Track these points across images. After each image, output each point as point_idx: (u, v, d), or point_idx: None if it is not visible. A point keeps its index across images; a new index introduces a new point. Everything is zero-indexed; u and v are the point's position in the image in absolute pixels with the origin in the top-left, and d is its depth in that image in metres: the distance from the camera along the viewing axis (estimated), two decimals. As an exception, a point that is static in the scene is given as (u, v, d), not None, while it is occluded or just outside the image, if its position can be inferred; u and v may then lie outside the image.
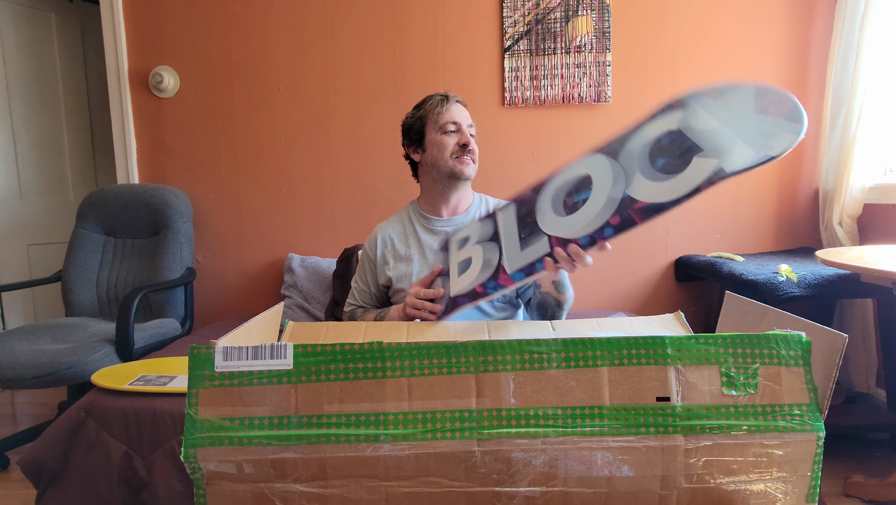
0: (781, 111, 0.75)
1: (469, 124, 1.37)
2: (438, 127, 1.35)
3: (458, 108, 1.37)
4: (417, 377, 0.67)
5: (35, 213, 2.77)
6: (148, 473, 1.29)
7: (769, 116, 0.75)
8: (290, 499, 0.67)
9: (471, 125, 1.38)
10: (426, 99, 1.41)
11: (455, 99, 1.38)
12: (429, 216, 1.40)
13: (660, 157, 0.81)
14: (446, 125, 1.35)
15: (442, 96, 1.38)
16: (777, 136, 0.73)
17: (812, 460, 0.67)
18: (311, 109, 2.36)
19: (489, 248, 0.98)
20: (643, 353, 0.67)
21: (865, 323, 2.08)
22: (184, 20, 2.35)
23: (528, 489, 0.67)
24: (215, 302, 2.47)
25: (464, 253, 1.04)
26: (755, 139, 0.74)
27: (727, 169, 0.74)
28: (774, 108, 0.76)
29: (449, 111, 1.35)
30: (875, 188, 2.06)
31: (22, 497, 1.70)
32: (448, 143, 1.34)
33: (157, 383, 1.39)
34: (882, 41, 1.97)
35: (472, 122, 1.39)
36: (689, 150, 0.78)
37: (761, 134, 0.74)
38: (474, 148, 1.36)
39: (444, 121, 1.35)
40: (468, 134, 1.35)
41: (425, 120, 1.38)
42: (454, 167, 1.34)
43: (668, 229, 2.33)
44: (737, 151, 0.74)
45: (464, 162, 1.35)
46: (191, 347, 0.67)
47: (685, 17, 2.25)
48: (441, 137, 1.35)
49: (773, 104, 0.76)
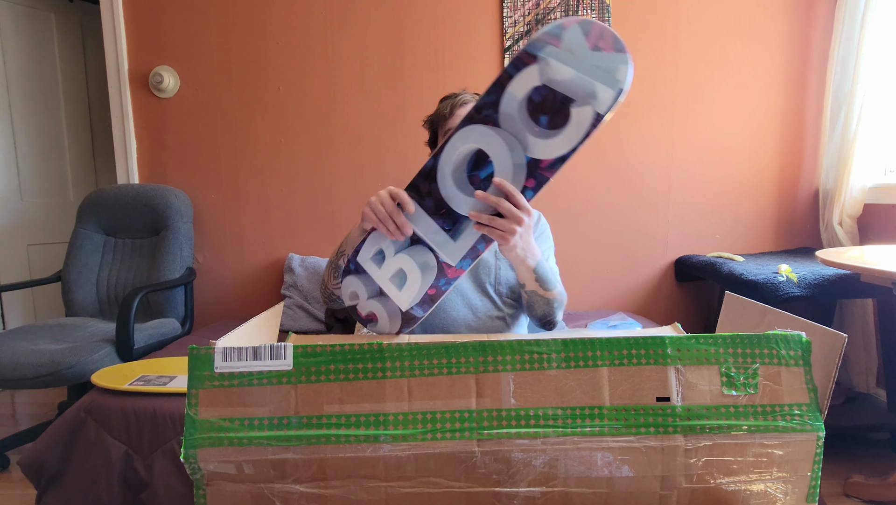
0: (608, 44, 0.80)
1: None
2: (444, 132, 1.31)
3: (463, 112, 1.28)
4: (417, 377, 0.67)
5: (35, 213, 2.77)
6: (148, 473, 1.29)
7: (603, 52, 0.81)
8: (290, 499, 0.67)
9: None
10: (442, 99, 1.35)
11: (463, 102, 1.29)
12: None
13: (540, 115, 0.84)
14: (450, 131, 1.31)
15: (451, 101, 1.30)
16: (616, 69, 0.80)
17: (812, 460, 0.67)
18: (311, 109, 2.36)
19: (418, 253, 0.96)
20: (643, 353, 0.67)
21: (865, 323, 2.08)
22: (184, 20, 2.35)
23: (528, 489, 0.67)
24: (215, 302, 2.47)
25: (389, 268, 0.99)
26: (604, 77, 0.80)
27: (601, 112, 0.81)
28: (602, 42, 0.80)
29: (455, 116, 1.29)
30: (875, 188, 2.06)
31: (22, 497, 1.70)
32: None
33: (157, 383, 1.39)
34: (882, 41, 1.97)
35: None
36: (563, 103, 0.83)
37: (605, 71, 0.80)
38: None
39: (447, 127, 1.30)
40: None
41: (437, 124, 1.34)
42: None
43: (668, 229, 2.33)
44: (600, 93, 0.81)
45: None
46: (190, 348, 0.67)
47: (685, 17, 2.25)
48: None
49: (599, 39, 0.81)
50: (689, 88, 2.28)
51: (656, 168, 2.31)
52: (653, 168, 2.31)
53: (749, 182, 2.31)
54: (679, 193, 2.31)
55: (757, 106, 2.27)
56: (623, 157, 2.31)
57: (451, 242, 0.93)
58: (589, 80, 0.81)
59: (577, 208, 2.34)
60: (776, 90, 2.26)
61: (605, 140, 2.30)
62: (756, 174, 2.30)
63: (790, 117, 2.28)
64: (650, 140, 2.30)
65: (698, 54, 2.26)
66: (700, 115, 2.29)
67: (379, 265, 0.99)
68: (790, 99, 2.27)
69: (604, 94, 0.80)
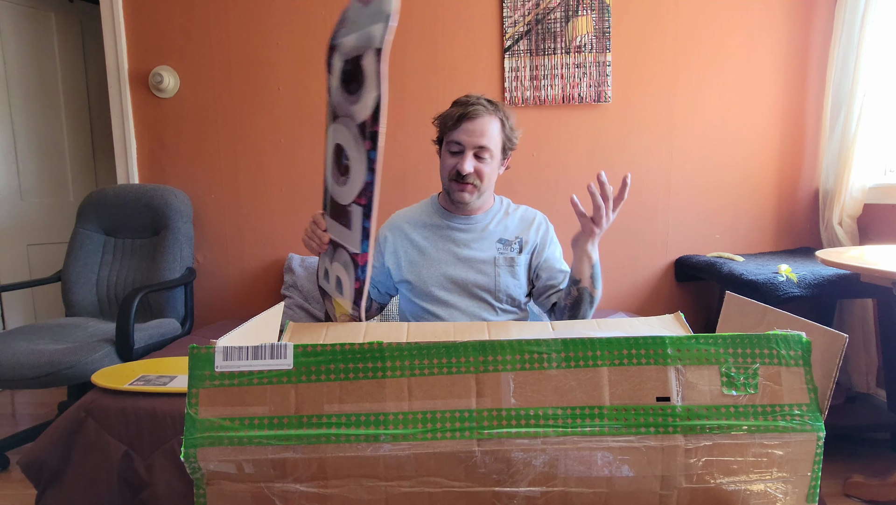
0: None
1: (477, 146, 1.26)
2: (447, 142, 1.31)
3: (468, 126, 1.26)
4: (417, 377, 0.67)
5: (35, 213, 2.77)
6: (148, 473, 1.29)
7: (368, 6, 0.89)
8: (290, 499, 0.67)
9: (480, 147, 1.26)
10: (453, 103, 1.33)
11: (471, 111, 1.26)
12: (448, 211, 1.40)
13: (350, 85, 0.94)
14: (451, 143, 1.29)
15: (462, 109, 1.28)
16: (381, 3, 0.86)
17: (812, 460, 0.67)
18: (311, 109, 2.36)
19: (339, 256, 1.07)
20: (643, 353, 0.67)
21: (865, 323, 2.08)
22: (184, 20, 2.35)
23: (528, 489, 0.67)
24: (215, 302, 2.47)
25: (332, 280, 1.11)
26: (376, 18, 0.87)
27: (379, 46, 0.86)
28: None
29: (458, 129, 1.27)
30: (875, 188, 2.06)
31: (22, 497, 1.70)
32: (448, 165, 1.30)
33: (157, 383, 1.39)
34: (882, 41, 1.97)
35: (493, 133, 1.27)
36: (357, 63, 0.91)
37: (375, 12, 0.88)
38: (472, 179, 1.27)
39: (450, 138, 1.29)
40: (467, 160, 1.26)
41: (443, 132, 1.33)
42: (451, 191, 1.32)
43: (668, 229, 2.33)
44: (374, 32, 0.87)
45: (458, 189, 1.29)
46: (190, 347, 0.67)
47: (685, 17, 2.25)
48: (445, 155, 1.31)
49: None
50: (688, 88, 2.28)
51: (656, 168, 2.31)
52: (653, 168, 2.31)
53: (749, 182, 2.31)
54: (679, 193, 2.31)
55: (757, 106, 2.27)
56: (623, 157, 2.31)
57: (349, 232, 1.01)
58: (365, 30, 0.89)
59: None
60: (776, 90, 2.26)
61: (605, 140, 2.30)
62: (756, 174, 2.30)
63: (790, 117, 2.28)
64: (650, 140, 2.30)
65: (698, 54, 2.26)
66: (700, 115, 2.29)
67: (328, 281, 1.12)
68: (790, 99, 2.27)
69: (376, 30, 0.86)
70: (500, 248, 1.35)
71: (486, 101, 1.30)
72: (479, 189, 1.31)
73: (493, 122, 1.28)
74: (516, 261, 1.35)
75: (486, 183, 1.31)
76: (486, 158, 1.29)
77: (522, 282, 1.36)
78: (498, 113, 1.30)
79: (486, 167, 1.29)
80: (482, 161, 1.29)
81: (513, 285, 1.34)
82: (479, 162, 1.29)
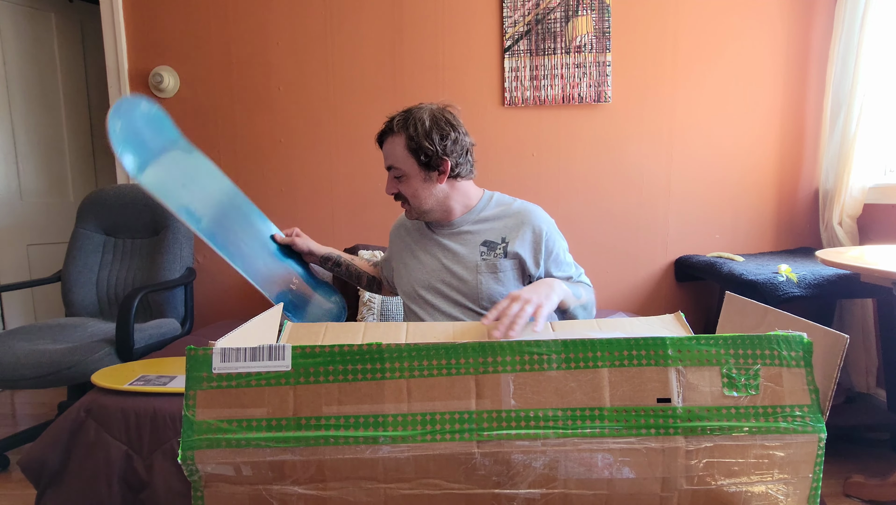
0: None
1: (388, 167, 1.29)
2: None
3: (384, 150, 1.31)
4: (417, 378, 0.67)
5: (35, 213, 2.77)
6: (148, 473, 1.29)
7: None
8: (288, 501, 0.66)
9: (389, 167, 1.29)
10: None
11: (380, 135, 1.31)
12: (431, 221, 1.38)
13: None
14: None
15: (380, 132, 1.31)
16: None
17: (813, 462, 0.66)
18: (311, 109, 2.36)
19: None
20: (643, 354, 0.67)
21: (865, 323, 2.08)
22: (184, 20, 2.35)
23: (528, 491, 0.66)
24: (215, 302, 2.46)
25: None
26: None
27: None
28: None
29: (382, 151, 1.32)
30: (875, 188, 2.06)
31: (22, 497, 1.70)
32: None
33: (157, 383, 1.38)
34: (882, 41, 1.96)
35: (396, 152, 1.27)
36: None
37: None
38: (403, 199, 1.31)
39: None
40: (388, 183, 1.31)
41: None
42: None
43: (668, 229, 2.33)
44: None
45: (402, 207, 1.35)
46: (188, 349, 0.66)
47: (685, 17, 2.25)
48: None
49: None
50: (688, 88, 2.27)
51: (656, 168, 2.30)
52: (653, 168, 2.30)
53: (749, 182, 2.30)
54: (679, 193, 2.30)
55: (757, 106, 2.27)
56: (623, 157, 2.31)
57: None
58: None
59: (577, 208, 2.34)
60: (776, 90, 2.26)
61: (604, 140, 2.30)
62: (756, 174, 2.30)
63: (790, 117, 2.27)
64: (650, 140, 2.30)
65: (698, 54, 2.26)
66: (700, 115, 2.29)
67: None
68: (790, 99, 2.27)
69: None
70: (483, 251, 1.29)
71: (400, 116, 1.28)
72: (413, 206, 1.31)
73: (397, 140, 1.26)
74: (500, 266, 1.28)
75: (416, 201, 1.29)
76: (401, 178, 1.29)
77: (509, 287, 1.29)
78: (406, 128, 1.26)
79: (403, 186, 1.29)
80: (399, 181, 1.30)
81: (497, 293, 1.28)
82: (399, 182, 1.30)
